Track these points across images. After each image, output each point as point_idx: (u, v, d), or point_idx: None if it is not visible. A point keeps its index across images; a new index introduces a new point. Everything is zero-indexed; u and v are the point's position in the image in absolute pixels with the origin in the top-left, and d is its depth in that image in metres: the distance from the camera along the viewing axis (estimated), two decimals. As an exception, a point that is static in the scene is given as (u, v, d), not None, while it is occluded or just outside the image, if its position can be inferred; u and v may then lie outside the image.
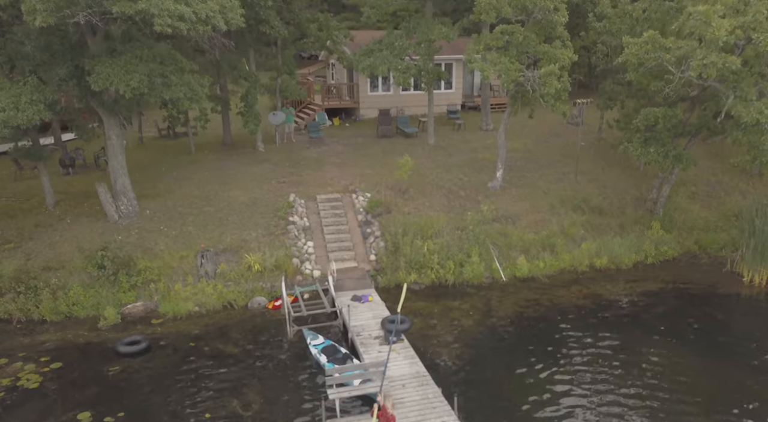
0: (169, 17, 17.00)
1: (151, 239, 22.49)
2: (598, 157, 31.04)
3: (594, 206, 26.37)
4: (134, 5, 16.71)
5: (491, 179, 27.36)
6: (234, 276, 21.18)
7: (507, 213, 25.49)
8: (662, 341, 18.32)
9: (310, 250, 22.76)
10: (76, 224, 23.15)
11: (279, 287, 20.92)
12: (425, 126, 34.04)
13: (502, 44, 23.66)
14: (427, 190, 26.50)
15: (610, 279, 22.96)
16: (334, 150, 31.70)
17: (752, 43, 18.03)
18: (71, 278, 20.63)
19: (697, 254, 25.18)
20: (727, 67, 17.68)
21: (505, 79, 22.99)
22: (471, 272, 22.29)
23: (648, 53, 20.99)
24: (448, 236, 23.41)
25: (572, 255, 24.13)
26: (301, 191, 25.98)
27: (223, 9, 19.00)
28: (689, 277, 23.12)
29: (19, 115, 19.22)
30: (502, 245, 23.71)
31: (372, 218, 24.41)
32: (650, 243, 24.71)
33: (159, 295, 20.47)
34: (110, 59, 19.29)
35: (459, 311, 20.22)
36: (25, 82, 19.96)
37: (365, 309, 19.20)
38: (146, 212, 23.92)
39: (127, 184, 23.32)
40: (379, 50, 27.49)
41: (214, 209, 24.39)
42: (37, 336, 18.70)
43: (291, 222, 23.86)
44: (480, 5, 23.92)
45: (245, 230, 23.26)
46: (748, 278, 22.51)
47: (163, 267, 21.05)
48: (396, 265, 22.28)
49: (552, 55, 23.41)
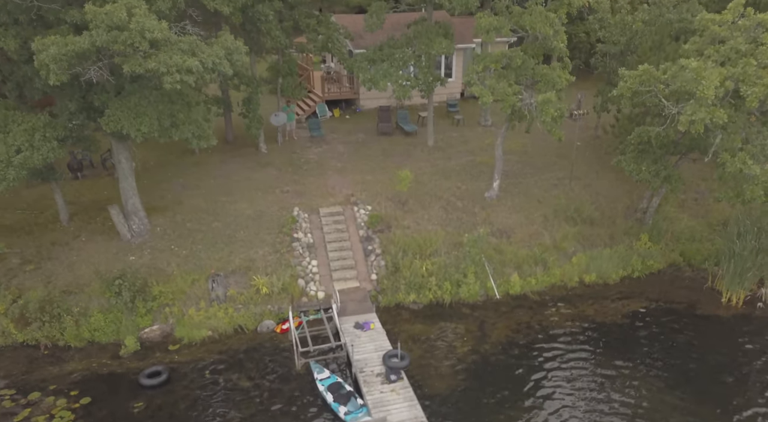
0: (178, 72, 17.55)
1: (163, 259, 23.68)
2: (593, 158, 31.84)
3: (586, 217, 27.46)
4: (144, 64, 17.23)
5: (488, 187, 28.30)
6: (243, 300, 22.52)
7: (502, 226, 26.61)
8: (645, 375, 19.90)
9: (315, 269, 24.01)
10: (91, 242, 24.27)
11: (286, 309, 22.31)
12: (425, 121, 34.57)
13: (502, 67, 24.09)
14: (425, 201, 27.49)
15: (598, 297, 24.37)
16: (335, 150, 32.39)
17: (740, 95, 18.67)
18: (91, 302, 21.95)
19: (681, 266, 26.49)
20: (714, 123, 18.41)
21: (503, 105, 23.59)
22: (467, 292, 23.66)
23: (642, 85, 21.58)
24: (446, 256, 24.63)
25: (563, 270, 25.45)
26: (304, 203, 26.97)
27: (229, 53, 19.44)
28: (672, 295, 24.52)
29: (35, 155, 19.99)
30: (497, 261, 24.97)
31: (373, 233, 25.53)
32: (637, 258, 25.97)
33: (174, 318, 21.88)
34: (119, 101, 19.87)
35: (455, 336, 21.70)
36: (38, 117, 20.61)
37: (367, 339, 20.64)
38: (157, 229, 24.99)
39: (137, 204, 24.29)
40: (381, 60, 27.78)
41: (222, 225, 25.46)
42: (65, 364, 20.19)
43: (296, 239, 25.00)
44: (480, 25, 24.18)
45: (252, 248, 24.42)
46: (726, 297, 23.93)
47: (176, 292, 22.34)
48: (396, 286, 23.62)
49: (550, 79, 23.91)
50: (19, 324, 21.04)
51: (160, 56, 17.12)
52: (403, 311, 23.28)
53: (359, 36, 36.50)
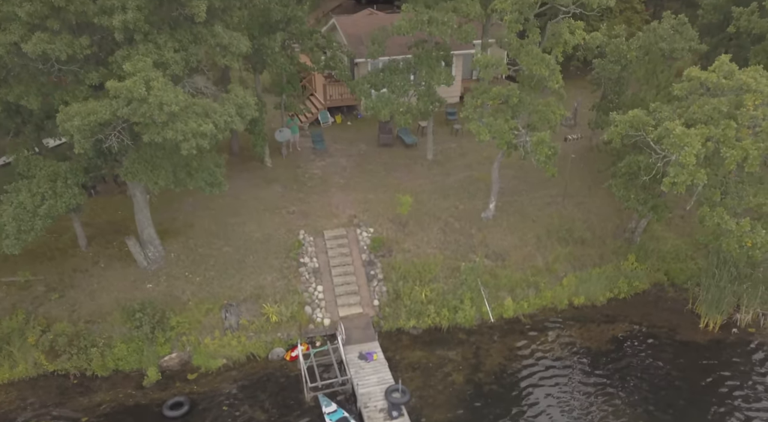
0: (194, 138, 18.72)
1: (178, 287, 25.27)
2: (586, 172, 33.01)
3: (577, 238, 28.95)
4: (162, 132, 18.38)
5: (485, 208, 29.65)
6: (255, 328, 24.22)
7: (497, 249, 28.12)
8: (624, 409, 21.81)
9: (320, 296, 25.63)
10: (110, 269, 25.80)
11: (295, 336, 24.10)
12: (424, 131, 35.57)
13: (500, 102, 25.11)
14: (425, 222, 28.91)
15: (586, 320, 26.10)
16: (338, 164, 33.51)
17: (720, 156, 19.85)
18: (113, 331, 23.65)
19: (665, 286, 28.13)
20: (695, 184, 19.68)
21: (499, 142, 24.75)
22: (463, 317, 25.36)
23: (632, 129, 22.75)
24: (443, 282, 26.23)
25: (554, 292, 27.09)
26: (309, 225, 28.38)
27: (240, 109, 20.52)
28: (654, 318, 26.25)
29: (59, 203, 21.30)
30: (492, 286, 26.59)
31: (375, 258, 27.06)
32: (624, 279, 27.56)
33: (191, 346, 23.63)
34: (137, 152, 21.03)
35: (452, 365, 23.51)
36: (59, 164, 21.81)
37: (371, 371, 22.43)
38: (171, 255, 26.48)
39: (152, 233, 25.70)
40: (381, 85, 28.64)
41: (232, 249, 26.93)
42: (93, 394, 22.04)
43: (302, 263, 26.55)
44: (478, 61, 25.09)
45: (261, 274, 25.98)
46: (704, 322, 25.65)
47: (192, 322, 24.01)
48: (397, 313, 25.31)
49: (545, 116, 24.98)
50: (50, 355, 22.76)
51: (177, 125, 18.24)
52: (403, 337, 25.02)
53: (360, 42, 37.19)
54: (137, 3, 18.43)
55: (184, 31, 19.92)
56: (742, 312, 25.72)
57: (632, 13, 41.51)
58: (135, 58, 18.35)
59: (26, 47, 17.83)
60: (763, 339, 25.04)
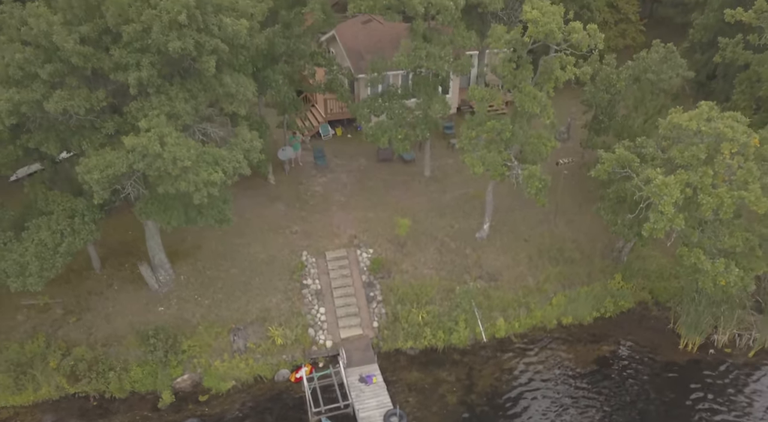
0: (204, 187, 20.01)
1: (188, 310, 26.78)
2: (577, 190, 34.26)
3: (567, 257, 30.40)
4: (176, 184, 19.66)
5: (479, 227, 31.03)
6: (261, 351, 25.79)
7: (491, 269, 29.58)
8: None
9: (323, 318, 27.15)
10: (123, 291, 27.26)
11: (299, 358, 25.73)
12: (422, 146, 36.68)
13: (494, 135, 26.29)
14: (422, 242, 30.31)
15: (573, 340, 27.70)
16: (339, 181, 34.68)
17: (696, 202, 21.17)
18: (129, 354, 25.21)
19: (649, 305, 29.66)
20: (673, 228, 21.03)
21: (493, 173, 26.02)
22: (457, 338, 26.92)
23: (618, 166, 24.05)
24: (439, 305, 27.73)
25: (544, 312, 28.63)
26: (312, 246, 29.77)
27: (248, 152, 21.75)
28: (638, 337, 27.86)
29: (77, 240, 22.66)
30: (485, 307, 28.10)
31: (374, 279, 28.53)
32: (610, 299, 29.06)
33: (201, 368, 25.21)
34: (149, 192, 22.29)
35: (446, 386, 25.18)
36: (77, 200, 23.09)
37: (371, 394, 24.07)
38: (181, 278, 27.92)
39: (163, 258, 27.10)
40: (380, 110, 29.72)
41: (238, 271, 28.37)
42: (112, 416, 23.69)
43: (305, 285, 28.02)
44: (474, 94, 26.22)
45: (267, 296, 27.48)
46: (683, 343, 27.25)
47: (202, 345, 25.56)
48: (395, 335, 26.86)
49: (537, 148, 26.22)
50: (71, 379, 24.33)
51: (190, 176, 19.51)
52: (401, 357, 26.63)
53: (360, 56, 38.10)
54: (150, 60, 19.54)
55: (194, 81, 21.03)
56: (719, 333, 27.30)
57: (627, 24, 42.31)
58: (150, 114, 19.52)
59: (48, 106, 18.97)
60: (738, 359, 26.68)
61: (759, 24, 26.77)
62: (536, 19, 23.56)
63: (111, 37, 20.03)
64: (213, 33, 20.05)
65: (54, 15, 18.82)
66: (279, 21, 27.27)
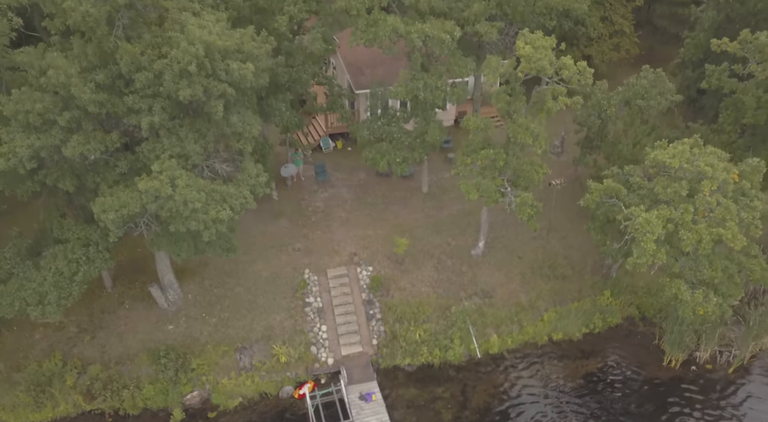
0: (213, 224, 21.24)
1: (197, 328, 28.15)
2: (570, 204, 35.21)
3: (559, 274, 31.71)
4: (186, 223, 20.89)
5: (474, 244, 32.30)
6: (266, 369, 27.21)
7: (485, 287, 30.91)
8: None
9: (324, 335, 28.54)
10: (134, 310, 28.61)
11: (302, 375, 27.17)
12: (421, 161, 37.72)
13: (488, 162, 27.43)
14: (419, 259, 31.61)
15: (563, 356, 29.13)
16: (339, 196, 35.83)
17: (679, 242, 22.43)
18: (140, 372, 26.63)
19: (636, 320, 31.04)
20: (655, 262, 22.32)
21: (487, 200, 27.23)
22: (453, 355, 28.34)
23: (606, 197, 25.30)
24: (435, 323, 29.10)
25: (535, 328, 30.01)
26: (313, 263, 31.07)
27: (254, 187, 22.94)
28: (624, 353, 29.30)
29: (92, 269, 23.94)
30: (479, 324, 29.48)
31: (374, 297, 29.88)
32: (599, 315, 30.40)
33: (210, 385, 26.66)
34: (160, 228, 23.48)
35: (441, 402, 26.68)
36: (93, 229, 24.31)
37: (370, 412, 25.56)
38: (189, 296, 29.26)
39: (172, 279, 28.40)
40: (379, 133, 30.82)
41: (243, 289, 29.71)
42: (127, 432, 25.22)
43: (307, 303, 29.38)
44: (469, 124, 27.33)
45: (271, 314, 28.84)
46: (667, 359, 28.67)
47: (210, 363, 26.97)
48: (394, 352, 28.26)
49: (529, 176, 27.39)
50: (87, 397, 25.76)
51: (200, 216, 20.74)
52: (399, 374, 28.07)
53: (360, 72, 39.08)
54: (162, 105, 20.65)
55: (203, 120, 22.12)
56: (701, 350, 28.71)
57: (621, 37, 43.15)
58: (162, 156, 20.69)
59: (66, 151, 20.12)
60: (718, 375, 28.14)
61: (743, 54, 27.79)
62: (529, 55, 24.59)
63: (124, 82, 21.10)
64: (221, 78, 21.08)
65: (70, 63, 19.82)
66: (281, 51, 28.24)
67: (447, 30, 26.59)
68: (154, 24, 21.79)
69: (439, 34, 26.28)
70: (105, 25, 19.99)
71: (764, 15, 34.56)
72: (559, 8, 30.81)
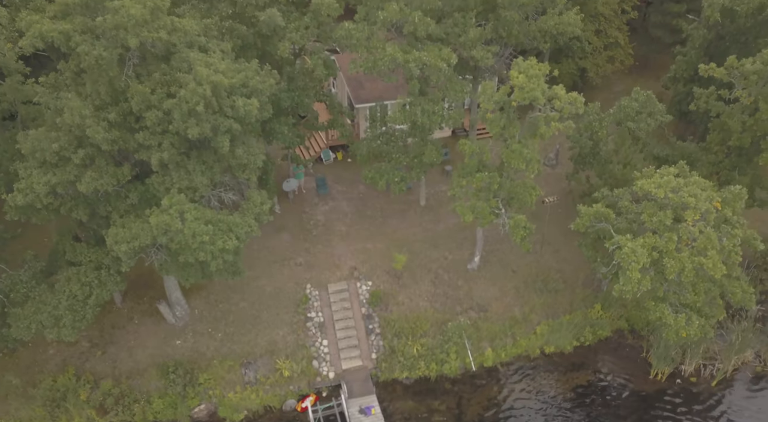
0: (221, 254, 22.37)
1: (203, 343, 29.40)
2: (563, 217, 36.46)
3: (551, 288, 32.92)
4: (195, 254, 22.03)
5: (470, 259, 33.48)
6: (270, 383, 28.50)
7: (480, 301, 32.13)
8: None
9: (326, 350, 29.79)
10: (143, 325, 29.84)
11: (304, 388, 28.46)
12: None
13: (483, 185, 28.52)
14: (417, 274, 32.82)
15: (554, 370, 30.39)
16: (340, 210, 36.87)
17: (663, 270, 23.60)
18: (150, 386, 27.91)
19: (625, 333, 32.29)
20: (640, 289, 23.51)
21: (482, 222, 28.36)
22: (449, 369, 29.62)
23: (595, 221, 26.44)
24: (432, 337, 30.35)
25: (528, 341, 31.27)
26: (314, 278, 32.27)
27: (258, 216, 24.06)
28: (613, 366, 30.59)
29: (104, 292, 25.12)
30: (474, 338, 30.73)
31: (373, 312, 31.10)
32: (589, 329, 31.65)
33: (216, 399, 27.96)
34: (169, 257, 24.59)
35: (438, 415, 28.01)
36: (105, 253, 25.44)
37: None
38: (195, 311, 30.47)
39: (179, 296, 29.59)
40: (378, 152, 31.87)
41: (248, 304, 30.92)
42: (138, 445, 26.54)
43: (309, 318, 30.62)
44: (464, 149, 28.40)
45: (274, 329, 30.09)
46: (654, 372, 29.97)
47: (216, 378, 28.25)
48: (392, 367, 29.54)
49: (522, 197, 28.49)
50: (100, 411, 27.05)
51: (207, 247, 21.87)
52: (397, 386, 29.38)
53: (360, 86, 40.02)
54: (171, 141, 21.70)
55: (209, 153, 23.18)
56: (686, 364, 29.99)
57: (615, 49, 43.99)
58: (171, 190, 21.78)
59: (81, 187, 21.22)
60: (702, 388, 29.46)
61: (729, 79, 28.77)
62: (522, 85, 25.59)
63: (134, 118, 22.13)
64: (227, 114, 22.12)
65: (84, 104, 20.83)
66: (283, 76, 29.21)
67: (443, 58, 27.55)
68: (163, 60, 22.73)
69: (435, 62, 27.24)
70: (117, 66, 20.97)
71: (754, 33, 35.41)
72: (553, 31, 31.68)
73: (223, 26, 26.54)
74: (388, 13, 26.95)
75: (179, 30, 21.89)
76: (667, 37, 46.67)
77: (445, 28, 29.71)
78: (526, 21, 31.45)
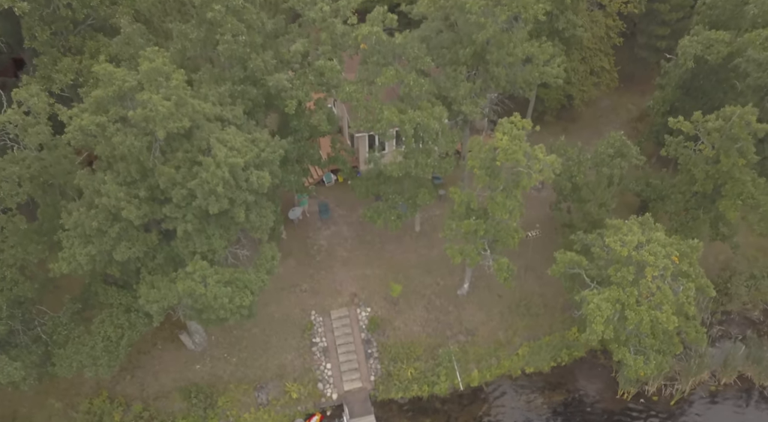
0: (238, 310, 25.75)
1: (220, 367, 33.08)
2: (547, 241, 39.70)
3: (533, 313, 36.46)
4: (216, 313, 25.39)
5: (460, 285, 36.90)
6: (281, 404, 32.28)
7: (469, 325, 35.71)
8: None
9: (329, 372, 33.48)
10: (166, 351, 33.46)
11: (310, 408, 32.27)
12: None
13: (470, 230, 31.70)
14: (411, 300, 36.30)
15: (534, 388, 34.17)
16: (341, 234, 40.03)
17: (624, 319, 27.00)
18: (174, 407, 31.68)
19: (598, 353, 35.98)
20: (604, 337, 26.98)
21: (470, 262, 31.67)
22: (439, 389, 33.39)
23: (569, 268, 29.78)
24: (425, 361, 34.03)
25: (511, 362, 34.99)
26: (318, 304, 35.74)
27: (270, 269, 27.31)
28: (585, 385, 34.37)
29: (134, 333, 28.56)
30: (462, 360, 34.42)
31: (372, 337, 34.70)
32: (566, 350, 35.32)
33: (233, 419, 31.79)
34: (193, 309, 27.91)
35: (428, 433, 31.93)
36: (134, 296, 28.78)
37: (368, 444, 30.82)
38: (212, 338, 34.04)
39: (198, 326, 33.09)
40: (375, 191, 34.90)
41: (259, 330, 34.49)
42: (166, 462, 30.44)
43: (314, 343, 34.23)
44: (456, 198, 31.48)
45: (283, 354, 33.72)
46: (621, 392, 33.76)
47: (233, 401, 32.01)
48: (389, 388, 33.29)
49: (506, 240, 31.70)
50: (132, 433, 30.93)
51: (227, 306, 25.21)
52: (393, 405, 33.18)
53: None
54: (193, 212, 24.80)
55: (227, 219, 26.28)
56: (650, 384, 33.74)
57: (601, 75, 46.39)
58: (195, 257, 24.99)
59: (116, 256, 24.42)
60: (661, 407, 33.28)
61: (695, 133, 31.65)
62: (506, 148, 28.52)
63: (161, 191, 25.15)
64: (243, 188, 25.14)
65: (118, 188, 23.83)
66: (290, 130, 32.02)
67: (435, 116, 30.37)
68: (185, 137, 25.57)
69: (428, 122, 30.08)
70: (146, 151, 23.91)
71: (725, 73, 38.00)
72: (538, 81, 34.34)
73: (235, 90, 29.19)
74: (385, 78, 29.62)
75: (199, 112, 24.73)
76: (653, 57, 49.04)
77: (438, 82, 32.34)
78: (512, 71, 34.04)
